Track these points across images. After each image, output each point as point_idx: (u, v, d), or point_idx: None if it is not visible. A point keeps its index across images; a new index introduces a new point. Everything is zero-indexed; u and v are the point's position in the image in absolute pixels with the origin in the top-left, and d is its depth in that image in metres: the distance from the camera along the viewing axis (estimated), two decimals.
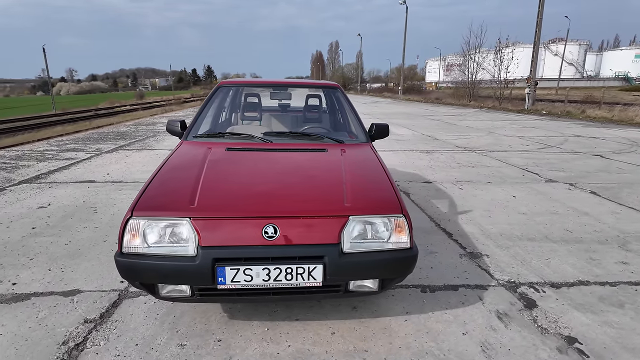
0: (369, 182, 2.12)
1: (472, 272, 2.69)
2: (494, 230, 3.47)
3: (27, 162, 6.07)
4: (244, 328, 2.03)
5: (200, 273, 1.69)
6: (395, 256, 1.83)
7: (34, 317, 2.07)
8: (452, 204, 4.22)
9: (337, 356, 1.84)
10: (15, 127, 18.36)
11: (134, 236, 1.75)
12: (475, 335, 2.01)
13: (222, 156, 2.34)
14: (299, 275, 1.73)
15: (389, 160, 6.53)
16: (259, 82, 3.65)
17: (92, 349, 1.84)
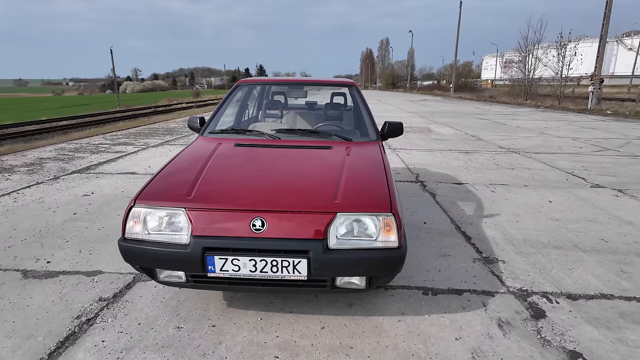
0: (365, 180, 2.12)
1: (481, 278, 2.59)
2: (518, 235, 3.30)
3: (82, 154, 6.66)
4: (239, 316, 2.12)
5: (191, 261, 1.79)
6: (382, 255, 1.83)
7: (57, 293, 2.30)
8: (479, 207, 4.05)
9: (322, 350, 1.87)
10: (85, 122, 20.11)
11: (136, 223, 1.90)
12: (469, 341, 1.95)
13: (229, 151, 2.45)
14: (284, 268, 1.78)
15: (422, 160, 6.40)
16: (276, 81, 3.73)
17: (100, 325, 2.02)
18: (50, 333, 1.94)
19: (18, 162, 6.00)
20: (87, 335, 1.93)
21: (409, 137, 9.11)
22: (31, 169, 5.51)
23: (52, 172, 5.30)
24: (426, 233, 3.33)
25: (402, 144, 8.09)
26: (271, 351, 1.85)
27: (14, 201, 4.01)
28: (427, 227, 3.47)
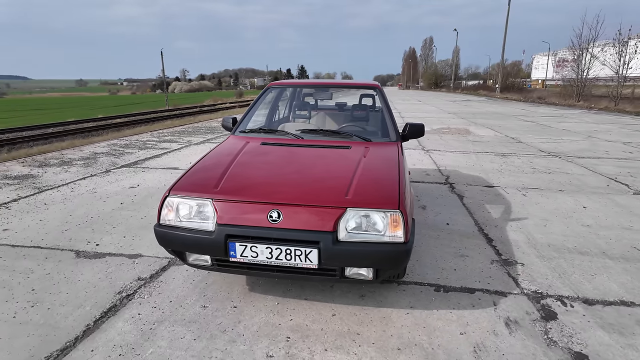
0: (377, 178, 2.24)
1: (497, 279, 2.62)
2: (543, 240, 3.26)
3: (131, 150, 7.22)
4: (259, 300, 2.31)
5: (215, 246, 2.00)
6: (388, 249, 1.94)
7: (104, 271, 2.61)
8: (507, 210, 4.01)
9: (330, 334, 2.02)
10: (136, 120, 21.43)
11: (170, 211, 2.14)
12: (473, 336, 2.02)
13: (255, 149, 2.65)
14: (297, 256, 1.95)
15: (455, 162, 6.34)
16: (303, 83, 3.91)
17: (137, 300, 2.28)
18: (96, 304, 2.23)
19: (76, 156, 6.61)
20: (126, 308, 2.20)
21: (445, 139, 9.00)
22: (87, 162, 6.07)
23: (104, 166, 5.82)
24: (447, 234, 3.37)
25: (436, 146, 8.03)
26: (284, 332, 2.03)
27: (71, 191, 4.48)
28: (449, 228, 3.51)
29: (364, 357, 1.86)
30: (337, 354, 1.88)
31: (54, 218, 3.57)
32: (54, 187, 4.63)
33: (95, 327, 2.03)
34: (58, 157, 6.51)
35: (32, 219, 3.56)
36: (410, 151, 7.33)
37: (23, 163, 5.96)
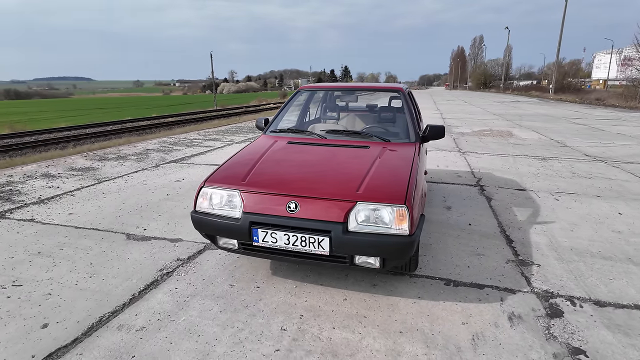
0: (389, 176, 2.41)
1: (509, 277, 2.70)
2: (567, 243, 3.26)
3: (179, 147, 7.80)
4: (279, 282, 2.57)
5: (241, 231, 2.28)
6: (393, 240, 2.12)
7: (149, 252, 2.99)
8: (535, 214, 4.00)
9: (340, 315, 2.23)
10: (186, 119, 22.67)
11: (204, 200, 2.45)
12: (474, 327, 2.15)
13: (281, 147, 2.92)
14: (311, 243, 2.18)
15: (491, 164, 6.28)
16: (331, 87, 4.11)
17: (175, 277, 2.62)
18: (141, 278, 2.59)
19: (131, 151, 7.27)
20: (166, 283, 2.54)
21: (484, 141, 8.85)
22: (139, 157, 6.68)
23: (154, 161, 6.38)
24: (468, 234, 3.45)
25: (474, 148, 7.93)
26: (298, 310, 2.27)
27: (125, 182, 5.01)
28: (471, 228, 3.59)
29: (367, 336, 2.05)
30: (344, 332, 2.09)
31: (109, 205, 4.06)
32: (110, 178, 5.20)
33: (140, 297, 2.38)
34: (115, 152, 7.19)
35: (92, 205, 4.06)
36: (446, 153, 7.32)
37: (86, 157, 6.67)
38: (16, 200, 4.19)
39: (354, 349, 1.96)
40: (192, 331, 2.07)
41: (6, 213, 3.79)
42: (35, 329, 2.06)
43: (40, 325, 2.09)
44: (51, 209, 3.91)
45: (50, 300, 2.32)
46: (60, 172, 5.49)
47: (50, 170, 5.63)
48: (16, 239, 3.19)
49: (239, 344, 1.97)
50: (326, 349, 1.96)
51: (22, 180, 5.05)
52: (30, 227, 3.43)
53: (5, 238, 3.20)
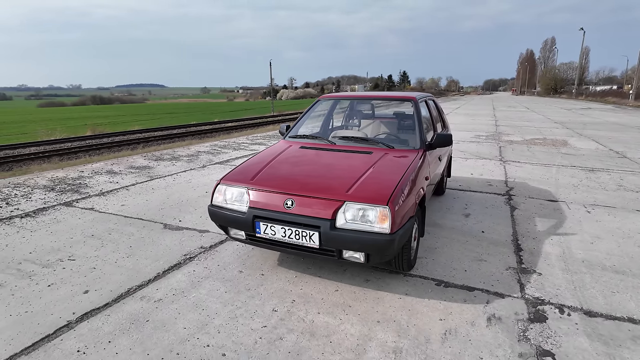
0: (380, 179, 2.61)
1: (503, 283, 2.76)
2: (580, 255, 3.20)
3: (227, 150, 8.44)
4: (282, 272, 2.87)
5: (246, 223, 2.61)
6: (375, 237, 2.32)
7: (179, 239, 3.44)
8: (557, 225, 3.91)
9: (328, 303, 2.47)
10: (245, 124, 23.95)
11: (219, 195, 2.82)
12: (450, 323, 2.28)
13: (292, 151, 3.22)
14: (303, 237, 2.45)
15: (529, 174, 6.11)
16: (349, 96, 4.33)
17: (195, 261, 3.02)
18: (167, 261, 3.03)
19: (184, 153, 8.03)
20: (187, 266, 2.95)
21: (532, 150, 8.50)
22: (190, 159, 7.37)
23: (202, 162, 7.02)
24: (477, 240, 3.51)
25: (518, 157, 7.68)
26: (292, 296, 2.55)
27: (173, 180, 5.63)
28: (483, 235, 3.63)
29: (346, 322, 2.28)
30: (326, 317, 2.33)
31: (156, 199, 4.64)
32: (161, 176, 5.86)
33: (163, 275, 2.81)
34: (171, 153, 7.99)
35: (142, 199, 4.67)
36: (485, 161, 7.19)
37: (145, 157, 7.50)
38: (82, 192, 4.92)
39: (331, 331, 2.20)
40: (198, 305, 2.43)
41: (73, 202, 4.50)
42: (79, 293, 2.55)
43: (83, 291, 2.58)
44: (108, 200, 4.57)
45: (93, 273, 2.82)
46: (122, 170, 6.28)
47: (114, 167, 6.45)
48: (77, 223, 3.82)
49: (234, 319, 2.30)
50: (306, 329, 2.21)
51: (90, 175, 5.87)
52: (90, 215, 4.07)
53: (69, 222, 3.85)
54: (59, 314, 2.32)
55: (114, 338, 2.11)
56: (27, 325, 2.22)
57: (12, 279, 2.74)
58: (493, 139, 10.23)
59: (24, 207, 4.28)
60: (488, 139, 10.34)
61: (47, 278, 2.74)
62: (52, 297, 2.50)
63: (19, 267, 2.91)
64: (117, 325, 2.22)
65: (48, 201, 4.52)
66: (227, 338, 2.12)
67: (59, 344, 2.06)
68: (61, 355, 1.98)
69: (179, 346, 2.06)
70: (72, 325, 2.23)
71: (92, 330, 2.18)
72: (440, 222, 3.98)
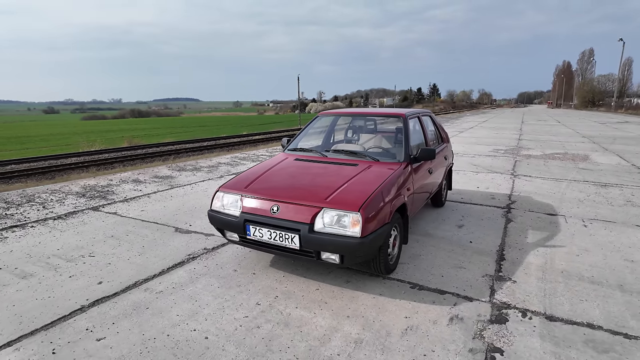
0: (358, 188, 2.88)
1: (475, 288, 2.93)
2: (562, 266, 3.31)
3: (245, 162, 8.89)
4: (271, 272, 3.17)
5: (239, 226, 2.94)
6: (347, 240, 2.59)
7: (186, 241, 3.82)
8: (548, 238, 4.01)
9: (307, 300, 2.74)
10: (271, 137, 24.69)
11: (218, 201, 3.17)
12: (413, 320, 2.49)
13: (286, 163, 3.55)
14: (286, 239, 2.75)
15: (537, 188, 6.15)
16: (346, 113, 4.61)
17: (197, 260, 3.38)
18: (172, 259, 3.40)
19: (205, 164, 8.55)
20: (189, 264, 3.31)
21: (548, 165, 8.44)
22: (210, 169, 7.86)
23: (221, 173, 7.48)
24: (463, 250, 3.68)
25: (531, 171, 7.67)
26: (276, 293, 2.84)
27: (190, 189, 6.08)
28: (469, 245, 3.79)
29: (319, 316, 2.54)
30: (302, 311, 2.60)
31: (172, 206, 5.08)
32: (181, 185, 6.34)
33: (167, 271, 3.17)
34: (193, 164, 8.53)
35: (160, 205, 5.12)
36: (496, 175, 7.25)
37: (169, 167, 8.07)
38: (109, 198, 5.45)
39: (304, 322, 2.47)
40: (193, 297, 2.77)
41: (99, 207, 5.01)
42: (94, 284, 2.96)
43: (97, 282, 2.98)
44: (130, 206, 5.05)
45: (108, 267, 3.23)
46: (146, 179, 6.82)
47: (140, 177, 7.02)
48: (100, 225, 4.29)
49: (221, 310, 2.61)
50: (282, 320, 2.49)
51: (118, 183, 6.44)
52: (112, 218, 4.54)
53: (94, 224, 4.32)
54: (75, 300, 2.72)
55: (117, 320, 2.48)
56: (49, 307, 2.62)
57: (40, 270, 3.18)
58: (511, 153, 10.18)
59: (57, 211, 4.83)
60: (506, 153, 10.31)
61: (69, 270, 3.17)
62: (72, 286, 2.91)
63: (48, 260, 3.36)
64: (122, 311, 2.59)
65: (78, 206, 5.05)
66: (212, 325, 2.44)
67: (72, 323, 2.44)
68: (73, 331, 2.36)
69: (171, 329, 2.39)
70: (85, 309, 2.61)
71: (101, 313, 2.56)
72: (432, 232, 4.16)
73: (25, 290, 2.85)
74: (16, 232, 4.06)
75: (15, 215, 4.62)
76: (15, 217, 4.55)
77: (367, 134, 4.43)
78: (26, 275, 3.08)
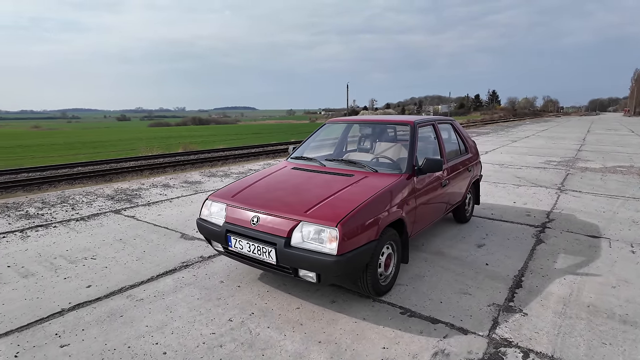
0: (344, 200, 2.65)
1: (476, 319, 2.58)
2: (589, 300, 2.84)
3: None
4: (257, 285, 3.03)
5: (221, 236, 2.85)
6: (322, 258, 2.38)
7: (186, 248, 3.80)
8: (582, 264, 3.49)
9: (282, 319, 2.57)
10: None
11: (206, 209, 3.11)
12: (390, 353, 2.22)
13: (282, 172, 3.41)
14: (263, 253, 2.61)
15: (585, 206, 5.51)
16: (352, 120, 4.35)
17: (189, 269, 3.33)
18: (166, 266, 3.38)
19: (236, 170, 8.68)
20: (179, 272, 3.27)
21: (605, 179, 7.53)
22: (239, 176, 7.94)
23: None
24: (474, 273, 3.29)
25: (582, 186, 6.87)
26: (253, 309, 2.69)
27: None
28: (484, 268, 3.39)
29: (289, 339, 2.35)
30: (273, 332, 2.43)
31: (188, 211, 5.14)
32: (205, 191, 6.44)
33: (155, 278, 3.15)
34: (225, 170, 8.69)
35: (177, 210, 5.21)
36: (539, 190, 6.58)
37: (201, 173, 8.28)
38: (133, 202, 5.66)
39: (270, 345, 2.29)
40: (169, 307, 2.70)
41: (121, 210, 5.20)
42: (82, 287, 3.01)
43: (86, 286, 3.03)
44: (149, 210, 5.19)
45: (103, 271, 3.29)
46: (176, 184, 7.04)
47: (171, 182, 7.26)
48: (115, 228, 4.43)
49: (191, 324, 2.51)
50: (248, 340, 2.34)
51: (148, 187, 6.69)
52: (128, 222, 4.68)
53: (109, 227, 4.48)
54: (59, 303, 2.77)
55: (88, 327, 2.47)
56: (32, 308, 2.69)
57: (42, 270, 3.31)
58: (564, 165, 9.25)
59: (82, 212, 5.08)
60: (559, 165, 9.39)
61: (67, 272, 3.27)
62: (62, 288, 2.98)
63: (53, 261, 3.50)
64: (97, 317, 2.59)
65: (103, 208, 5.29)
66: (176, 339, 2.34)
67: (46, 326, 2.47)
68: (42, 335, 2.38)
69: (134, 341, 2.33)
70: (64, 312, 2.64)
71: (77, 318, 2.57)
72: (445, 250, 3.80)
73: (20, 290, 2.96)
74: (39, 232, 4.31)
75: (44, 215, 4.93)
76: (44, 217, 4.85)
77: (385, 143, 4.17)
78: (27, 275, 3.21)
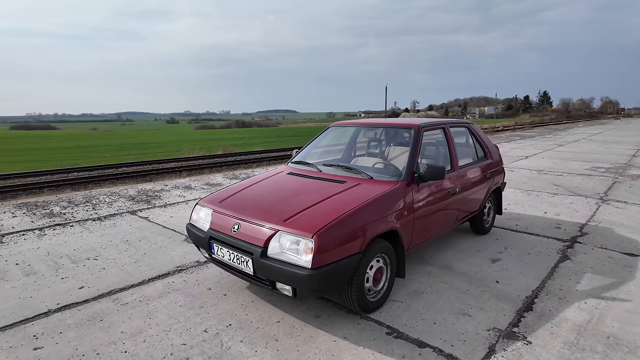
0: (327, 209, 2.48)
1: (470, 345, 2.31)
2: (611, 329, 2.48)
3: None
4: (243, 295, 2.93)
5: (205, 243, 2.78)
6: (296, 270, 2.23)
7: (186, 252, 3.78)
8: (611, 287, 3.08)
9: (258, 333, 2.44)
10: None
11: (195, 214, 3.05)
12: None
13: (276, 177, 3.28)
14: (242, 262, 2.50)
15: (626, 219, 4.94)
16: (355, 123, 4.12)
17: (181, 274, 3.30)
18: (160, 270, 3.37)
19: (258, 173, 8.68)
20: (171, 277, 3.24)
21: None
22: None
23: None
24: (481, 291, 3.00)
25: (629, 196, 6.21)
26: (231, 320, 2.59)
27: None
28: (493, 286, 3.08)
29: (259, 355, 2.22)
30: (245, 346, 2.31)
31: None
32: None
33: (146, 282, 3.14)
34: (248, 172, 8.74)
35: (190, 213, 5.24)
36: (577, 199, 6.00)
37: (224, 176, 8.38)
38: (151, 203, 5.79)
39: None
40: (149, 313, 2.66)
41: (137, 211, 5.33)
42: (75, 288, 3.05)
43: (79, 287, 3.07)
44: (164, 212, 5.27)
45: (99, 272, 3.33)
46: (197, 186, 7.14)
47: (193, 183, 7.39)
48: (125, 229, 4.52)
49: (165, 332, 2.45)
50: (217, 354, 2.23)
51: (169, 189, 6.84)
52: (140, 223, 4.77)
53: (121, 228, 4.58)
54: (47, 303, 2.82)
55: (66, 330, 2.48)
56: (22, 308, 2.75)
57: (45, 268, 3.41)
58: (613, 173, 8.43)
59: (101, 212, 5.26)
60: (606, 172, 8.57)
61: (66, 272, 3.34)
62: (56, 288, 3.04)
63: (58, 260, 3.61)
64: (78, 320, 2.59)
65: (121, 209, 5.44)
66: (145, 349, 2.28)
67: (28, 327, 2.51)
68: (22, 336, 2.41)
69: (105, 347, 2.30)
70: (49, 313, 2.68)
71: (59, 320, 2.59)
72: (454, 264, 3.51)
73: (18, 288, 3.05)
74: (55, 230, 4.48)
75: (66, 214, 5.14)
76: (64, 216, 5.06)
77: (391, 147, 3.94)
78: (30, 273, 3.32)
